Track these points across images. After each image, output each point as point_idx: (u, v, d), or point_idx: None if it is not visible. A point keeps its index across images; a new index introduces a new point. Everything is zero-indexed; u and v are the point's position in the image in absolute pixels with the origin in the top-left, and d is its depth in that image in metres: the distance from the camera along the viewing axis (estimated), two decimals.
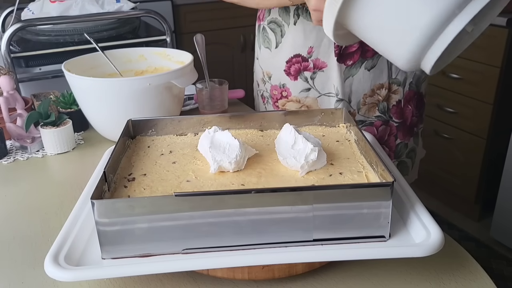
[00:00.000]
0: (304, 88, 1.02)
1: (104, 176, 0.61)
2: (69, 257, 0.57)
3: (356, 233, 0.59)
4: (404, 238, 0.60)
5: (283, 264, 0.58)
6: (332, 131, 0.81)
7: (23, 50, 1.34)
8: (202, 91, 1.12)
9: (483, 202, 2.24)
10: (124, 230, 0.57)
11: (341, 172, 0.67)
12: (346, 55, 0.97)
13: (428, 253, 0.56)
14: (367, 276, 0.61)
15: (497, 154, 2.11)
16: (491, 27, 1.96)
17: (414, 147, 1.10)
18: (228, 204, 0.56)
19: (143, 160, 0.72)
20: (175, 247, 0.58)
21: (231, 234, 0.58)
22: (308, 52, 0.99)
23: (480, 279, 0.60)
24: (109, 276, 0.58)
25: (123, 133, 0.75)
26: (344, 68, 0.98)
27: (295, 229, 0.58)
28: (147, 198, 0.59)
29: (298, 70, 1.01)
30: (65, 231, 0.62)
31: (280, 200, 0.57)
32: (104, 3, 1.45)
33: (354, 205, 0.57)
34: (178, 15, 2.68)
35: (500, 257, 2.05)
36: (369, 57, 0.97)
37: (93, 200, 0.55)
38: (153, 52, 1.15)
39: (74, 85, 0.99)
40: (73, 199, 0.70)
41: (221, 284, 0.60)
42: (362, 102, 1.01)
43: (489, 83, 2.03)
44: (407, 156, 1.09)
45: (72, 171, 0.90)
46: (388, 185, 0.57)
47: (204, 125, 0.81)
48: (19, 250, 0.69)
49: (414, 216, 0.62)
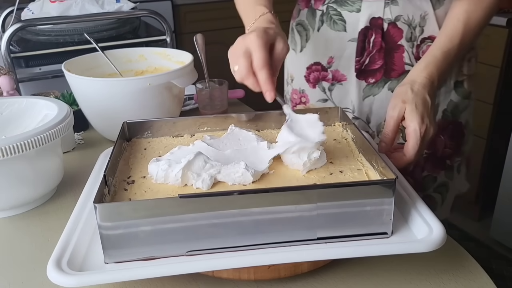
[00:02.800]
0: (321, 98, 0.98)
1: (105, 180, 0.61)
2: (71, 262, 0.56)
3: (359, 230, 0.59)
4: (407, 235, 0.60)
5: (289, 264, 0.58)
6: (328, 130, 0.80)
7: (23, 50, 1.34)
8: (202, 91, 1.11)
9: (483, 202, 2.24)
10: (127, 233, 0.56)
11: (341, 170, 0.67)
12: (367, 71, 0.91)
13: (431, 248, 0.56)
14: (367, 276, 0.61)
15: (497, 154, 2.11)
16: (491, 27, 1.97)
17: (446, 182, 1.00)
18: (232, 204, 0.56)
19: (141, 163, 0.72)
20: (179, 250, 0.57)
21: (236, 235, 0.57)
22: (328, 62, 0.95)
23: (480, 279, 0.60)
24: (113, 280, 0.56)
25: (119, 136, 0.74)
26: (365, 86, 0.93)
27: (299, 228, 0.58)
28: (151, 200, 0.58)
29: (317, 78, 0.97)
30: (66, 235, 0.61)
31: (284, 199, 0.57)
32: (104, 3, 1.45)
33: (358, 202, 0.58)
34: (178, 15, 2.68)
35: (500, 257, 2.06)
36: (394, 77, 0.91)
37: (95, 204, 0.54)
38: (153, 52, 1.15)
39: (74, 85, 0.99)
40: (73, 200, 0.70)
41: (221, 284, 0.60)
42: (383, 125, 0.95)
43: (489, 83, 2.03)
44: (436, 191, 1.00)
45: (72, 171, 0.90)
46: (391, 182, 0.57)
47: (200, 126, 0.81)
48: (19, 250, 0.69)
49: (415, 213, 0.62)
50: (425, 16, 0.86)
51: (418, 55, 0.89)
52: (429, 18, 0.87)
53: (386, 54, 0.89)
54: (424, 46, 0.88)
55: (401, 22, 0.87)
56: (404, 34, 0.88)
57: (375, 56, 0.89)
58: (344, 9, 0.89)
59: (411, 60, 0.89)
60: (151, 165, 0.67)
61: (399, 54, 0.89)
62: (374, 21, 0.87)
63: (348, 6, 0.89)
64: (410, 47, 0.88)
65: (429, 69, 0.77)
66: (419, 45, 0.88)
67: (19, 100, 0.89)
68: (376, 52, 0.89)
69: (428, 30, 0.87)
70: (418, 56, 0.89)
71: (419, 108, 0.72)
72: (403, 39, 0.88)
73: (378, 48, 0.88)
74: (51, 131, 0.74)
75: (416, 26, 0.87)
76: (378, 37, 0.88)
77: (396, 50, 0.89)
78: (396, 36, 0.88)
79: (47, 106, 0.85)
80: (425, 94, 0.75)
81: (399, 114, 0.73)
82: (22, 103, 0.88)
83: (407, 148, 0.73)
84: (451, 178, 1.01)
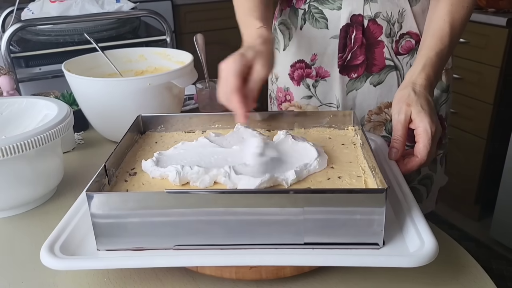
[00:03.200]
0: (306, 95, 1.00)
1: (105, 170, 0.63)
2: (65, 247, 0.59)
3: (348, 239, 0.58)
4: (399, 246, 0.58)
5: (271, 266, 0.58)
6: (340, 134, 0.80)
7: (23, 50, 1.34)
8: (202, 91, 1.12)
9: (483, 202, 2.24)
10: (117, 223, 0.58)
11: (339, 176, 0.66)
12: (350, 67, 0.94)
13: (419, 264, 0.54)
14: (366, 275, 0.60)
15: (497, 154, 2.11)
16: (491, 27, 1.97)
17: (430, 175, 1.02)
18: (217, 203, 0.57)
19: (148, 156, 0.73)
20: (167, 243, 0.59)
21: (222, 233, 0.58)
22: (312, 59, 0.97)
23: (480, 279, 0.60)
24: (100, 267, 0.60)
25: (130, 129, 0.76)
26: (348, 81, 0.95)
27: (286, 231, 0.58)
28: (139, 193, 0.60)
29: (301, 76, 0.99)
30: (64, 222, 0.64)
31: (269, 201, 0.57)
32: (104, 3, 1.45)
33: (346, 210, 0.56)
34: (178, 15, 2.68)
35: (500, 257, 2.06)
36: (375, 71, 0.93)
37: (87, 192, 0.57)
38: (153, 52, 1.15)
39: (74, 85, 0.99)
40: (73, 200, 0.70)
41: (221, 284, 0.60)
42: (367, 118, 0.97)
43: (489, 83, 2.03)
44: (420, 183, 1.02)
45: (72, 171, 0.90)
46: (382, 191, 0.55)
47: (213, 123, 0.82)
48: (19, 250, 0.69)
49: (411, 224, 0.60)
50: (403, 12, 0.90)
51: (398, 50, 0.92)
52: (406, 14, 0.90)
53: (367, 50, 0.92)
54: (403, 41, 0.92)
55: (380, 18, 0.90)
56: (384, 30, 0.91)
57: (357, 52, 0.92)
58: (326, 7, 0.92)
59: (391, 55, 0.92)
60: (143, 163, 0.69)
61: (380, 49, 0.92)
62: (355, 18, 0.90)
63: (329, 4, 0.91)
64: (390, 43, 0.92)
65: (426, 71, 0.78)
66: (398, 41, 0.92)
67: (19, 100, 0.89)
68: (358, 48, 0.92)
69: (406, 26, 0.91)
70: (398, 51, 0.92)
71: (425, 109, 0.73)
72: (382, 35, 0.91)
73: (359, 44, 0.91)
74: (51, 131, 0.74)
75: (395, 22, 0.90)
76: (359, 34, 0.90)
77: (377, 45, 0.92)
78: (376, 32, 0.91)
79: (47, 106, 0.85)
80: (427, 94, 0.76)
81: (406, 118, 0.73)
82: (22, 103, 0.88)
83: (418, 148, 0.72)
84: (434, 171, 1.03)
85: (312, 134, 0.80)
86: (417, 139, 0.72)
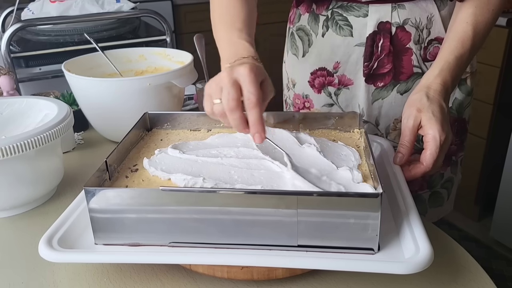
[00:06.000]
0: (327, 103, 0.97)
1: (106, 166, 0.64)
2: (63, 241, 0.60)
3: (343, 243, 0.57)
4: (394, 252, 0.57)
5: (263, 267, 0.58)
6: (345, 136, 0.79)
7: (23, 50, 1.34)
8: (202, 91, 1.11)
9: (483, 202, 2.24)
10: (114, 218, 0.59)
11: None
12: (376, 76, 0.90)
13: (411, 271, 0.53)
14: (365, 275, 0.60)
15: (497, 154, 2.11)
16: None
17: (452, 177, 1.00)
18: (211, 201, 0.57)
19: (151, 152, 0.73)
20: (162, 240, 0.60)
21: (216, 232, 0.58)
22: (334, 67, 0.93)
23: (480, 279, 0.60)
24: (96, 261, 0.61)
25: (136, 125, 0.77)
26: (373, 90, 0.92)
27: (279, 233, 0.57)
28: (135, 190, 0.61)
29: (322, 83, 0.96)
30: (63, 216, 0.65)
31: (263, 202, 0.56)
32: (104, 3, 1.45)
33: (340, 213, 0.56)
34: (178, 15, 2.68)
35: (500, 257, 2.06)
36: (403, 80, 0.90)
37: (86, 187, 0.58)
38: (153, 52, 1.15)
39: (74, 85, 0.99)
40: (73, 200, 0.70)
41: (221, 284, 0.60)
42: (393, 127, 0.93)
43: (489, 83, 2.03)
44: (443, 187, 1.00)
45: (72, 171, 0.90)
46: (376, 196, 0.54)
47: (220, 122, 0.81)
48: (19, 250, 0.69)
49: (407, 229, 0.60)
50: (432, 18, 0.87)
51: (426, 57, 0.89)
52: (435, 19, 0.87)
53: (395, 58, 0.89)
54: (431, 47, 0.89)
55: (409, 25, 0.87)
56: (412, 37, 0.87)
57: (384, 60, 0.89)
58: (351, 14, 0.89)
59: (419, 62, 0.89)
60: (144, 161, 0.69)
61: (408, 57, 0.89)
62: (382, 25, 0.87)
63: (355, 11, 0.88)
64: (418, 50, 0.88)
65: (443, 75, 0.75)
66: (426, 47, 0.88)
67: (19, 100, 0.89)
68: (385, 56, 0.88)
69: (434, 31, 0.88)
70: (426, 58, 0.89)
71: (437, 115, 0.71)
72: (411, 42, 0.88)
73: (387, 52, 0.88)
74: (51, 131, 0.74)
75: (424, 28, 0.87)
76: (387, 41, 0.87)
77: (405, 53, 0.89)
78: (404, 40, 0.88)
79: (47, 106, 0.85)
80: (441, 100, 0.73)
81: (415, 123, 0.72)
82: (22, 103, 0.88)
83: (424, 156, 0.70)
84: (455, 173, 1.01)
85: (317, 136, 0.79)
86: (425, 146, 0.71)
